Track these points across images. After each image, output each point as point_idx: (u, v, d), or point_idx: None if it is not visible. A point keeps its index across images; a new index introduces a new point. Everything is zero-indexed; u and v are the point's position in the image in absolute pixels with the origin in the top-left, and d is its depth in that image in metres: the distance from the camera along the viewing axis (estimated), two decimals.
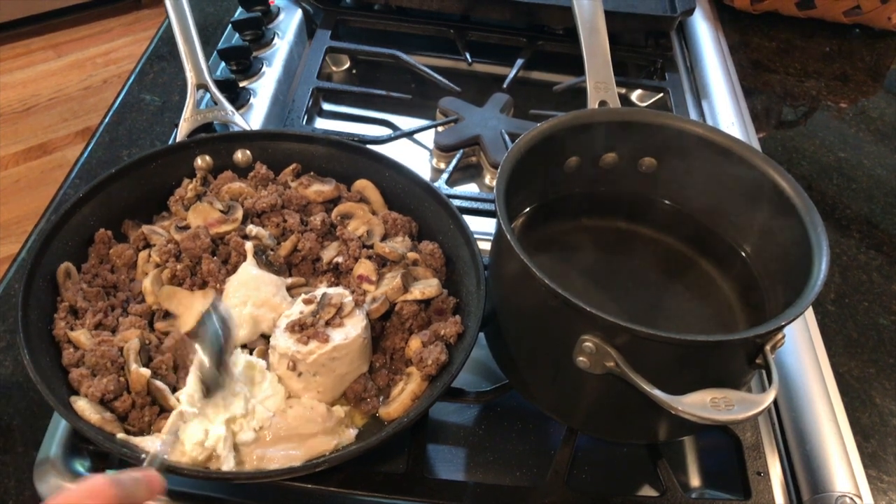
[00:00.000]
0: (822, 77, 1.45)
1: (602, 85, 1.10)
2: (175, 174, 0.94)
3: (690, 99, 1.32)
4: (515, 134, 1.13)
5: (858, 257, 1.11)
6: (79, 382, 0.75)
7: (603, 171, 0.90)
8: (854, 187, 1.22)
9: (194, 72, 1.09)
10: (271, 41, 1.30)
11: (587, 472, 0.84)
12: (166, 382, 0.77)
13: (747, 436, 0.85)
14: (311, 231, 0.90)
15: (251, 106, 1.17)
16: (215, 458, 0.72)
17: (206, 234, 0.86)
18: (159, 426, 0.75)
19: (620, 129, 0.87)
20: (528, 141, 0.81)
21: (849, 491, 0.80)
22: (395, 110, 1.27)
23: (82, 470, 0.77)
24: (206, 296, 0.83)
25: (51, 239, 0.83)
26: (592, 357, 0.69)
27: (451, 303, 0.85)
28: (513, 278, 0.77)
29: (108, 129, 1.16)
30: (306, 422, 0.76)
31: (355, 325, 0.79)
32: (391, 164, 0.95)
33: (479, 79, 1.36)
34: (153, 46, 1.32)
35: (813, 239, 0.74)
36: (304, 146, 0.97)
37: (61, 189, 1.05)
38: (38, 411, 0.82)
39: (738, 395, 0.64)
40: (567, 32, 1.39)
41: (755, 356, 0.70)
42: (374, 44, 1.33)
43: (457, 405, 0.88)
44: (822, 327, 0.99)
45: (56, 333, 0.78)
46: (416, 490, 0.77)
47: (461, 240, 0.88)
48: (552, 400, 0.81)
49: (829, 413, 0.87)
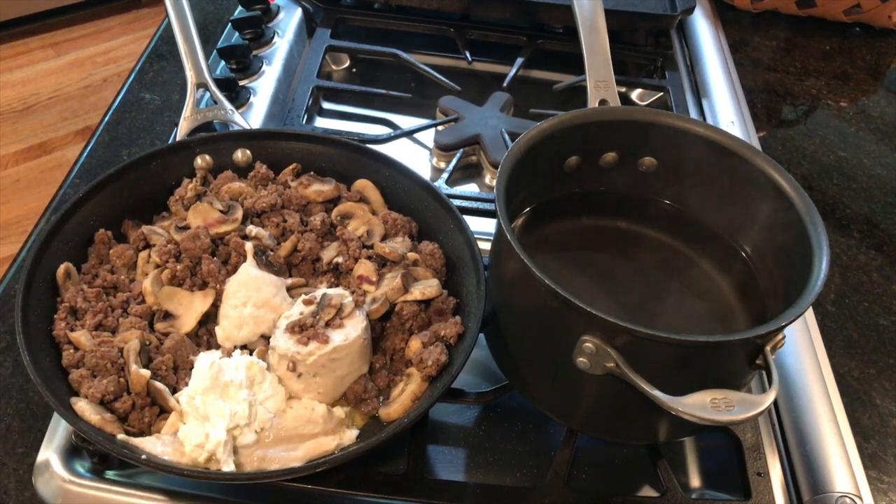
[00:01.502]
0: (823, 76, 1.45)
1: (602, 84, 1.10)
2: (175, 174, 0.94)
3: (691, 98, 1.32)
4: (515, 133, 1.13)
5: (859, 257, 1.11)
6: (79, 383, 0.75)
7: (603, 170, 0.90)
8: (854, 187, 1.22)
9: (194, 71, 1.09)
10: (271, 40, 1.30)
11: (587, 472, 0.84)
12: (166, 383, 0.77)
13: (747, 436, 0.85)
14: (311, 231, 0.90)
15: (251, 105, 1.17)
16: (215, 459, 0.72)
17: (206, 235, 0.86)
18: (159, 427, 0.75)
19: (621, 128, 0.87)
20: (529, 140, 0.81)
21: (849, 491, 0.80)
22: (395, 109, 1.27)
23: (82, 471, 0.77)
24: (206, 296, 0.83)
25: (51, 239, 0.82)
26: (592, 358, 0.69)
27: (451, 303, 0.85)
28: (513, 278, 0.77)
29: (107, 128, 1.15)
30: (307, 422, 0.76)
31: (355, 325, 0.79)
32: (391, 163, 0.95)
33: (479, 78, 1.36)
34: (153, 45, 1.32)
35: (813, 239, 0.74)
36: (304, 145, 0.97)
37: (61, 189, 1.05)
38: (38, 412, 0.82)
39: (738, 396, 0.64)
40: (567, 31, 1.38)
41: (755, 357, 0.70)
42: (374, 42, 1.33)
43: (457, 406, 0.88)
44: (822, 328, 0.99)
45: (56, 334, 0.78)
46: (417, 490, 0.77)
47: (461, 240, 0.88)
48: (552, 400, 0.81)
49: (829, 413, 0.87)
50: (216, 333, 0.82)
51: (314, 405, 0.77)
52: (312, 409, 0.77)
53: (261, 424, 0.74)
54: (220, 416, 0.72)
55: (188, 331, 0.82)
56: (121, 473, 0.78)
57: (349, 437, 0.77)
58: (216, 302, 0.83)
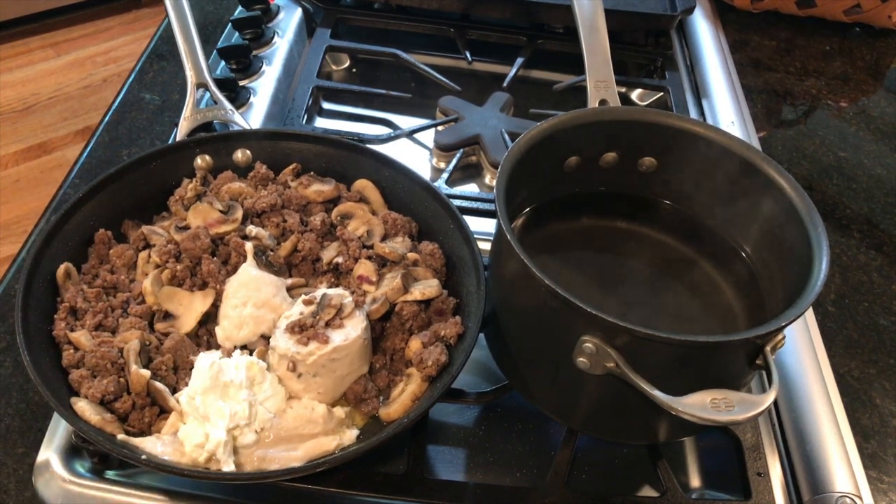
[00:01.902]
0: (823, 76, 1.45)
1: (602, 84, 1.10)
2: (175, 174, 0.94)
3: (690, 98, 1.32)
4: (515, 133, 1.13)
5: (858, 257, 1.11)
6: (79, 383, 0.75)
7: (603, 170, 0.90)
8: (854, 187, 1.22)
9: (194, 71, 1.09)
10: (271, 40, 1.30)
11: (587, 472, 0.84)
12: (166, 383, 0.77)
13: (747, 436, 0.85)
14: (310, 231, 0.90)
15: (251, 105, 1.17)
16: (215, 459, 0.72)
17: (206, 235, 0.86)
18: (159, 427, 0.75)
19: (621, 128, 0.87)
20: (529, 140, 0.81)
21: (849, 491, 0.80)
22: (394, 109, 1.27)
23: (82, 471, 0.77)
24: (206, 296, 0.83)
25: (51, 239, 0.83)
26: (592, 358, 0.69)
27: (451, 303, 0.85)
28: (513, 279, 0.77)
29: (107, 128, 1.16)
30: (307, 422, 0.76)
31: (355, 326, 0.79)
32: (391, 163, 0.95)
33: (479, 78, 1.36)
34: (153, 45, 1.32)
35: (813, 239, 0.74)
36: (304, 145, 0.97)
37: (61, 189, 1.06)
38: (38, 412, 0.83)
39: (738, 396, 0.64)
40: (567, 31, 1.39)
41: (755, 357, 0.70)
42: (374, 42, 1.33)
43: (457, 406, 0.88)
44: (822, 328, 0.99)
45: (56, 334, 0.78)
46: (416, 491, 0.77)
47: (461, 240, 0.88)
48: (552, 400, 0.81)
49: (829, 414, 0.87)
50: (216, 333, 0.82)
51: (314, 405, 0.77)
52: (312, 409, 0.77)
53: (261, 424, 0.74)
54: (220, 416, 0.72)
55: (188, 331, 0.82)
56: (121, 473, 0.78)
57: (349, 437, 0.77)
58: (216, 302, 0.83)
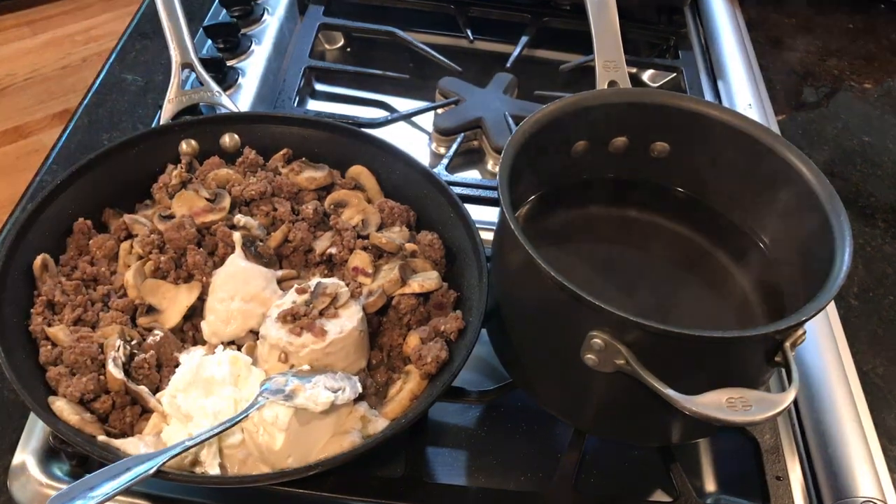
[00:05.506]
0: (845, 56, 1.44)
1: (611, 64, 1.10)
2: (158, 160, 0.94)
3: (705, 79, 1.32)
4: (520, 116, 1.13)
5: (883, 248, 1.11)
6: (57, 381, 0.74)
7: (612, 156, 0.89)
8: (879, 173, 1.22)
9: (179, 50, 1.09)
10: (260, 17, 1.30)
11: (596, 476, 0.84)
12: (149, 382, 0.76)
13: (766, 438, 0.85)
14: (302, 220, 0.90)
15: (239, 86, 1.17)
16: (200, 461, 0.72)
17: (192, 224, 0.86)
18: (141, 427, 0.75)
19: (631, 111, 0.86)
20: (533, 124, 0.81)
21: (873, 496, 0.80)
22: (391, 91, 1.27)
23: (61, 474, 0.77)
24: (191, 289, 0.83)
25: (26, 229, 0.82)
26: (601, 354, 0.69)
27: (451, 297, 0.85)
28: (517, 270, 0.77)
29: (87, 111, 1.15)
30: None
31: (351, 316, 0.79)
32: (388, 148, 0.95)
33: (481, 58, 1.35)
34: (135, 23, 1.32)
35: (835, 228, 0.74)
36: (296, 129, 0.97)
37: (38, 175, 1.05)
38: (14, 412, 0.82)
39: (755, 395, 0.64)
40: (575, 8, 1.38)
41: (774, 353, 0.70)
42: (370, 20, 1.33)
43: (458, 405, 0.88)
44: (844, 323, 0.98)
45: (32, 329, 0.78)
46: (415, 495, 0.77)
47: (462, 230, 0.88)
48: (559, 400, 0.81)
49: (852, 414, 0.87)
50: (202, 329, 0.82)
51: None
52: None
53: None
54: (203, 416, 0.72)
55: (172, 326, 0.82)
56: None
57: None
58: (202, 295, 0.83)
